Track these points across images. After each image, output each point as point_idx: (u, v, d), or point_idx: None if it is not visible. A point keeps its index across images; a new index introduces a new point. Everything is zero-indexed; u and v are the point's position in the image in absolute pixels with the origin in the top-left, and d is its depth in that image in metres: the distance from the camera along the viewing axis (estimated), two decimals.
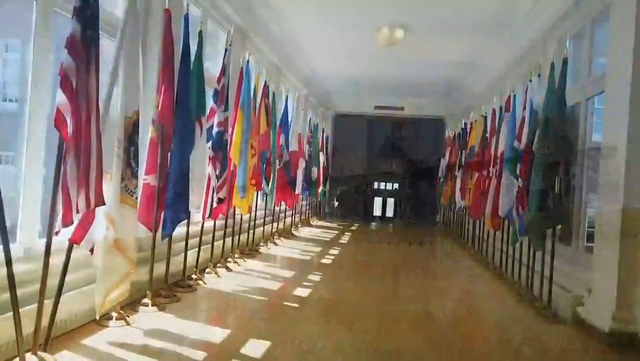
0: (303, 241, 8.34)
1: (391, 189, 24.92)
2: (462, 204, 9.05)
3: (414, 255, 7.56)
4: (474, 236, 8.18)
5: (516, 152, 5.42)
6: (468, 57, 8.66)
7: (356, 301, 4.39)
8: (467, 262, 7.28)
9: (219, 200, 4.80)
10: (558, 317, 4.24)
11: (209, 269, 4.96)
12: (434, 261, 7.36)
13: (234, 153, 5.26)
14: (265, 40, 7.50)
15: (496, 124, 7.04)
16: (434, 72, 10.18)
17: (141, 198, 3.71)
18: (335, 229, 10.63)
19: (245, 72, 5.46)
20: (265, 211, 7.18)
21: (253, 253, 6.38)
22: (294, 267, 5.96)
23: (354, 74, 11.11)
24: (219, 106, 4.66)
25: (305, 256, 6.76)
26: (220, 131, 4.65)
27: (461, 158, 9.56)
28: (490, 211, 6.35)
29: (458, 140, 10.57)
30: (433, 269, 6.43)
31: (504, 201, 5.81)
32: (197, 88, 4.21)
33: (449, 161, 11.18)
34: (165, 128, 3.73)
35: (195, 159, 4.19)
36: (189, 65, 3.90)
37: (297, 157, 8.27)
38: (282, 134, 7.45)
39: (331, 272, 5.66)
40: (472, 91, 10.64)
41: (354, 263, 6.38)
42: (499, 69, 8.17)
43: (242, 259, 5.90)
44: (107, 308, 3.05)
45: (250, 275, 5.19)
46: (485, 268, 6.64)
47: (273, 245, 7.37)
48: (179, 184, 3.79)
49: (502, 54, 7.75)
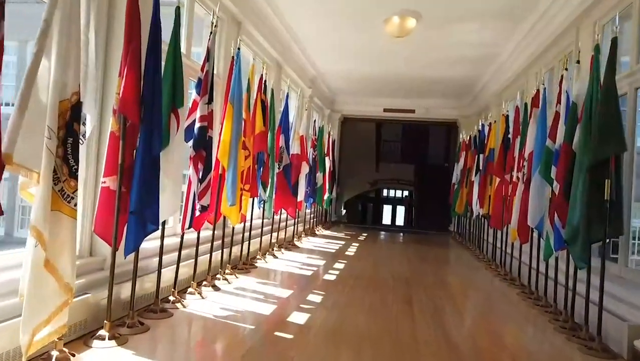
0: (306, 253, 7.60)
1: (401, 196, 24.14)
2: (480, 213, 8.28)
3: (429, 270, 6.78)
4: (494, 248, 7.39)
5: (550, 152, 4.67)
6: (487, 49, 7.92)
7: (364, 329, 3.64)
8: (488, 278, 6.50)
9: (202, 208, 4.09)
10: (609, 352, 3.47)
11: (191, 289, 4.25)
12: (452, 277, 6.57)
13: (222, 154, 4.57)
14: (263, 32, 6.83)
15: (520, 123, 6.30)
16: (448, 70, 9.44)
17: (98, 205, 3.04)
18: (342, 240, 9.88)
19: (236, 62, 4.77)
20: (262, 220, 6.46)
21: (247, 268, 5.66)
22: (293, 284, 5.23)
23: (362, 74, 10.41)
24: (201, 97, 3.97)
25: (306, 271, 6.02)
26: (202, 126, 3.95)
27: (478, 162, 8.81)
28: (517, 220, 5.59)
29: (474, 143, 9.83)
30: (451, 286, 5.66)
31: (534, 209, 5.06)
32: (173, 73, 3.52)
33: (464, 166, 10.44)
34: (129, 120, 3.05)
35: (171, 158, 3.51)
36: (158, 43, 3.20)
37: (299, 160, 7.56)
38: (282, 135, 6.75)
39: (335, 291, 4.92)
40: (489, 89, 9.89)
41: (361, 279, 5.63)
42: (523, 61, 7.41)
43: (234, 275, 5.18)
44: (37, 348, 2.34)
45: (240, 295, 4.46)
46: (510, 286, 5.86)
47: (272, 258, 6.64)
48: (145, 188, 3.09)
49: (526, 44, 7.00)
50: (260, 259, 6.33)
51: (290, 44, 8.16)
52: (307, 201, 9.29)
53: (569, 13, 5.52)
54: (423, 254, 8.52)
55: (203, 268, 4.62)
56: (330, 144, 11.73)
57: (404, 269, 6.60)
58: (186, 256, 4.41)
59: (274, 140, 6.47)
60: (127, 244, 3.11)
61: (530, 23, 6.46)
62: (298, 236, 8.98)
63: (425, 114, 12.96)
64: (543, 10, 5.98)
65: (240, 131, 4.69)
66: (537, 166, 5.06)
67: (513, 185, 6.26)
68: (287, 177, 6.82)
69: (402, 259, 7.81)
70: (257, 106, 5.64)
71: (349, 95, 12.97)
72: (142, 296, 3.75)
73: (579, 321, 4.06)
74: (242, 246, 5.68)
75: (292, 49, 8.42)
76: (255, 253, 6.42)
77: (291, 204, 7.18)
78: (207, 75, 4.00)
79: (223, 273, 4.95)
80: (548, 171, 4.64)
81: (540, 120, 5.19)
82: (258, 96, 5.68)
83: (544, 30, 6.29)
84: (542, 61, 6.72)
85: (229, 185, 4.56)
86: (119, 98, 3.00)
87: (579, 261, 3.88)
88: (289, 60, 8.44)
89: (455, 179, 11.16)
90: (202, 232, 4.81)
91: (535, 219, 5.05)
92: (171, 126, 3.51)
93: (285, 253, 7.24)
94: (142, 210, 3.09)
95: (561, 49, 6.12)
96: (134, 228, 3.09)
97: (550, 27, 6.12)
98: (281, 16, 7.00)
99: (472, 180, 9.06)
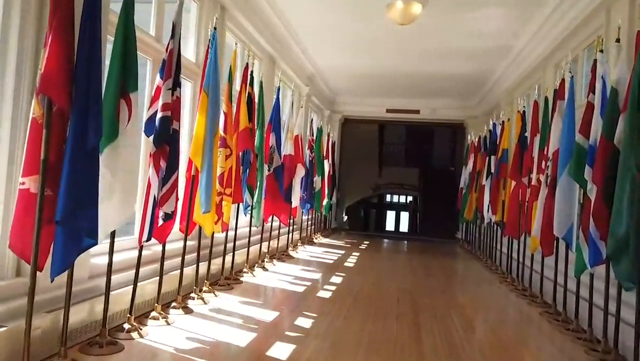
0: (301, 264, 6.89)
1: (405, 202, 23.33)
2: (492, 219, 7.55)
3: (437, 286, 6.05)
4: (509, 259, 6.65)
5: (581, 150, 3.96)
6: (500, 40, 7.22)
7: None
8: (505, 294, 5.77)
9: (166, 215, 3.39)
10: None
11: (155, 313, 3.54)
12: (464, 295, 5.84)
13: (194, 152, 3.87)
14: (253, 20, 6.15)
15: (540, 120, 5.59)
16: (456, 65, 8.75)
17: (15, 213, 2.35)
18: (342, 248, 9.16)
19: (212, 44, 4.08)
20: (250, 229, 5.76)
21: (230, 284, 4.95)
22: (281, 304, 4.52)
23: (363, 71, 9.73)
24: (164, 81, 3.28)
25: (299, 286, 5.31)
26: (165, 117, 3.25)
27: (489, 165, 8.09)
28: (540, 229, 4.87)
29: (484, 144, 9.13)
30: (465, 309, 4.93)
31: (561, 216, 4.34)
32: (124, 50, 2.84)
33: (473, 169, 9.72)
34: (55, 103, 2.36)
35: (121, 155, 2.82)
36: (97, 8, 2.51)
37: (293, 162, 6.86)
38: (272, 133, 6.06)
39: (329, 313, 4.20)
40: (500, 87, 9.18)
41: (360, 299, 4.91)
42: (541, 51, 6.70)
43: (213, 293, 4.48)
44: None
45: (215, 319, 3.75)
46: (531, 304, 5.13)
47: (261, 271, 5.93)
48: (76, 192, 2.39)
49: (546, 31, 6.29)
50: (248, 272, 5.62)
51: (285, 37, 7.49)
52: (303, 207, 8.60)
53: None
54: (430, 266, 7.79)
55: (170, 286, 3.91)
56: (330, 147, 11.04)
57: (410, 285, 5.87)
58: (154, 273, 3.72)
59: (263, 139, 5.79)
60: (54, 263, 2.41)
61: (551, 7, 5.76)
62: (293, 246, 8.27)
63: (431, 115, 12.26)
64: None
65: (216, 125, 3.99)
66: (564, 165, 4.36)
67: (532, 189, 5.55)
68: (278, 180, 6.12)
69: (406, 271, 7.08)
70: (241, 99, 4.95)
71: (349, 95, 12.29)
72: (90, 324, 3.05)
73: (623, 353, 3.34)
74: (224, 259, 4.97)
75: (287, 43, 7.75)
76: (242, 266, 5.72)
77: (284, 210, 6.48)
78: (171, 55, 3.31)
79: (198, 292, 4.24)
80: (580, 171, 3.93)
81: (567, 113, 4.48)
82: (243, 87, 5.00)
83: (567, 14, 5.59)
84: (563, 50, 6.01)
85: (202, 189, 3.86)
86: (41, 75, 2.32)
87: (626, 280, 3.15)
88: (284, 55, 7.77)
89: (464, 184, 10.44)
90: (176, 243, 4.14)
91: (563, 228, 4.34)
92: (120, 115, 2.82)
93: (278, 265, 6.52)
94: (72, 219, 2.39)
95: (586, 35, 5.43)
96: (62, 242, 2.39)
97: (574, 10, 5.42)
98: (273, 3, 6.33)
99: (483, 184, 8.34)
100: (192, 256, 4.32)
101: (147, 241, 3.23)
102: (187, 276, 4.28)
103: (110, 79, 2.82)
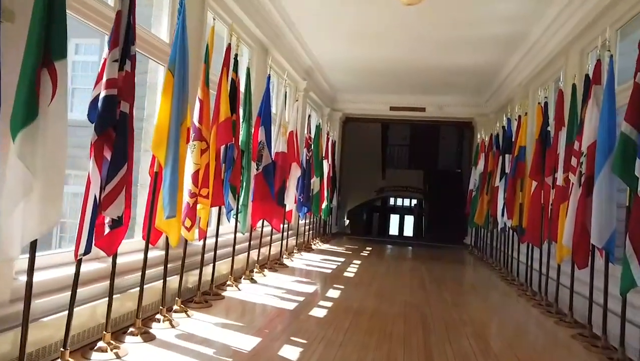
0: (295, 274, 6.18)
1: (409, 205, 22.52)
2: (508, 225, 6.83)
3: (449, 300, 5.33)
4: (529, 269, 5.92)
5: (628, 141, 3.26)
6: (516, 25, 6.52)
7: None
8: (527, 310, 5.04)
9: (114, 222, 2.69)
10: None
11: (102, 343, 2.84)
12: (481, 312, 5.11)
13: (156, 143, 3.17)
14: (241, 2, 5.48)
15: (566, 111, 4.90)
16: (465, 58, 8.06)
17: None
18: (342, 255, 8.45)
19: (179, 12, 3.39)
20: (235, 235, 5.06)
21: (208, 301, 4.24)
22: (265, 326, 3.80)
23: (365, 64, 9.04)
24: (110, 51, 2.59)
25: (288, 302, 4.60)
26: (110, 96, 2.55)
27: (503, 165, 7.38)
28: (571, 237, 4.15)
29: (496, 143, 8.42)
30: (484, 330, 4.22)
31: (601, 221, 3.63)
32: (48, 7, 2.15)
33: (484, 170, 9.01)
34: None
35: (41, 143, 2.13)
36: None
37: (286, 161, 6.17)
38: (261, 128, 5.37)
39: (322, 340, 3.49)
40: (513, 80, 8.47)
41: (360, 319, 4.20)
42: (564, 34, 5.98)
43: (185, 312, 3.77)
44: None
45: (179, 349, 3.04)
46: (560, 324, 4.40)
47: (248, 283, 5.22)
48: None
49: (572, 11, 5.57)
50: (232, 285, 4.91)
51: (279, 24, 6.83)
52: (300, 211, 7.89)
53: None
54: (439, 275, 7.06)
55: (131, 307, 3.22)
56: (330, 146, 10.35)
57: (418, 300, 5.14)
58: (103, 292, 3.02)
59: (250, 133, 5.10)
60: None
61: None
62: (288, 253, 7.56)
63: (437, 113, 11.55)
64: None
65: (184, 112, 3.29)
66: (603, 161, 3.66)
67: (558, 190, 4.86)
68: (268, 180, 5.42)
69: (413, 282, 6.36)
70: (222, 86, 4.26)
71: (351, 92, 11.61)
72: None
73: None
74: (202, 272, 4.25)
75: (282, 32, 7.08)
76: (226, 278, 5.02)
77: (275, 214, 5.77)
78: (118, 18, 2.62)
79: (166, 312, 3.53)
80: (627, 167, 3.23)
81: (607, 99, 3.77)
82: (225, 72, 4.31)
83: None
84: (591, 32, 5.30)
85: (166, 189, 3.16)
86: None
87: None
88: (278, 45, 7.09)
89: (473, 186, 9.72)
90: (138, 255, 3.44)
91: (604, 236, 3.62)
92: (40, 89, 2.13)
93: (269, 276, 5.81)
94: None
95: (621, 13, 4.72)
96: None
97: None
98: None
99: (496, 186, 7.62)
100: (158, 270, 3.63)
101: (86, 254, 2.53)
102: (154, 292, 3.59)
103: (29, 42, 2.14)
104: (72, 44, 12.50)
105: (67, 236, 10.22)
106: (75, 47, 12.62)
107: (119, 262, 3.00)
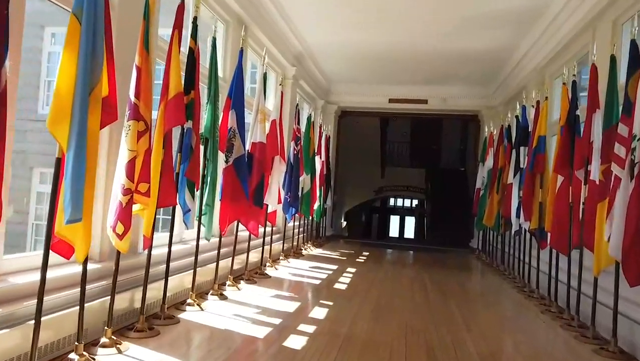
0: (276, 288, 5.26)
1: (410, 205, 21.56)
2: (524, 227, 5.90)
3: (460, 320, 4.40)
4: (552, 280, 4.99)
5: None
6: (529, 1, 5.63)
7: None
8: (552, 330, 4.12)
9: None
10: None
11: None
12: (494, 327, 4.22)
13: (53, 118, 2.25)
14: None
15: (603, 91, 4.01)
16: (471, 42, 7.18)
17: None
18: (335, 262, 7.53)
19: None
20: (197, 243, 4.14)
21: (154, 328, 3.32)
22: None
23: (360, 51, 8.16)
24: None
25: (261, 326, 3.67)
26: None
27: (518, 159, 6.46)
28: (620, 246, 3.24)
29: (507, 135, 7.52)
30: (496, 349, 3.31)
31: None
32: None
33: (493, 166, 8.10)
34: None
35: None
36: None
37: (267, 154, 5.26)
38: (232, 112, 4.45)
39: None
40: (525, 67, 7.57)
41: (352, 342, 3.34)
42: (591, 5, 5.06)
43: (115, 347, 2.85)
44: None
45: None
46: (599, 353, 3.48)
47: (216, 300, 4.31)
48: None
49: None
50: (193, 304, 3.99)
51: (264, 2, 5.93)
52: (286, 211, 6.99)
53: None
54: (444, 286, 6.13)
55: (50, 333, 2.30)
56: (324, 141, 9.44)
57: (421, 322, 4.20)
58: None
59: (218, 117, 4.18)
60: None
61: None
62: (272, 260, 6.63)
63: (441, 106, 10.65)
64: None
65: (95, 73, 2.36)
66: None
67: (592, 186, 3.98)
68: (241, 175, 4.50)
69: (415, 296, 5.43)
70: (172, 53, 3.34)
71: (347, 82, 10.70)
72: None
73: None
74: (145, 290, 3.33)
75: (265, 7, 6.18)
76: (186, 295, 4.10)
77: (251, 215, 4.86)
78: None
79: (81, 351, 2.61)
80: None
81: None
82: (176, 35, 3.38)
83: None
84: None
85: (68, 183, 2.24)
86: None
87: None
88: (261, 23, 6.18)
89: (481, 184, 8.79)
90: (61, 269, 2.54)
91: None
92: None
93: (244, 289, 4.90)
94: None
95: None
96: None
97: None
98: None
99: (509, 183, 6.69)
100: (71, 292, 2.72)
101: None
102: (65, 325, 2.68)
103: None
104: (47, 33, 11.60)
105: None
106: (52, 36, 11.66)
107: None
